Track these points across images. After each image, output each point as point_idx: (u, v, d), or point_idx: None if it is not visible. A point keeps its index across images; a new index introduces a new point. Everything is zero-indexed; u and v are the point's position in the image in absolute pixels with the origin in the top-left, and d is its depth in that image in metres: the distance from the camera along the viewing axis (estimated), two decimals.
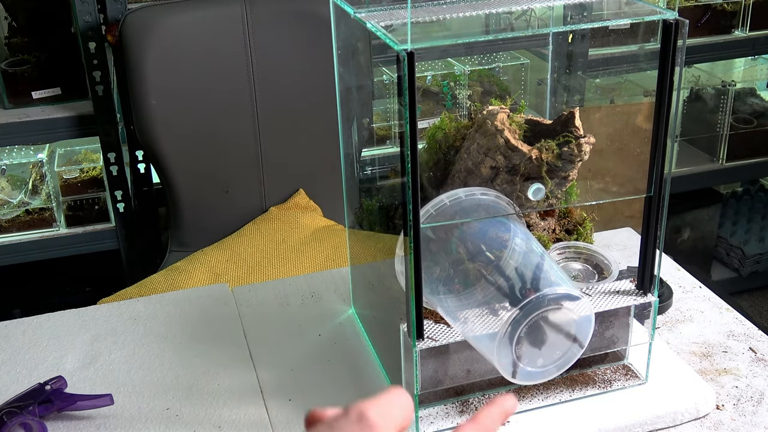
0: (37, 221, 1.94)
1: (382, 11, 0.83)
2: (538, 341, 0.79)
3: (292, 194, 1.80)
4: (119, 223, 1.96)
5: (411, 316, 0.80)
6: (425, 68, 2.05)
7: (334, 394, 0.94)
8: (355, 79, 0.98)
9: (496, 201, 0.84)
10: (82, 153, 2.01)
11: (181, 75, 1.65)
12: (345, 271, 1.17)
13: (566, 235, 0.97)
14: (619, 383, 0.92)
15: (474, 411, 0.89)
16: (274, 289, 1.16)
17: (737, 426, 0.89)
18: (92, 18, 1.77)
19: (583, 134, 0.84)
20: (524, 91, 2.13)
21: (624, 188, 0.89)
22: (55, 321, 1.11)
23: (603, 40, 1.94)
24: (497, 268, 0.80)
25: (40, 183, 1.94)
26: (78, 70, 1.88)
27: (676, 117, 0.82)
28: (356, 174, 1.04)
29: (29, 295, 2.25)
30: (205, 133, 1.70)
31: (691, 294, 1.13)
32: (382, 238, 0.99)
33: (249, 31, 1.66)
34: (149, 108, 1.64)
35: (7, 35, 1.91)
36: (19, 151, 1.98)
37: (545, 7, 0.84)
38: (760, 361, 0.99)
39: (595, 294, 0.89)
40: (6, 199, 1.92)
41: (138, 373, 1.00)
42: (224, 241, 1.70)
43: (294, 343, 1.04)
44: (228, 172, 1.75)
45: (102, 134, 1.86)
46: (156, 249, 2.02)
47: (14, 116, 1.86)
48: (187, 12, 1.65)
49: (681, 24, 0.78)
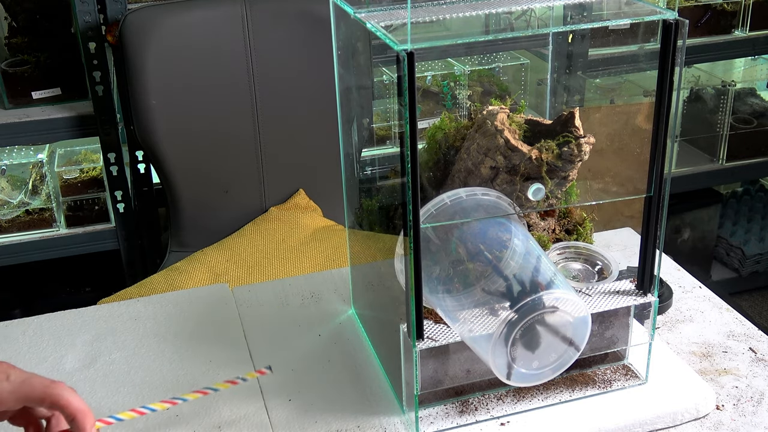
0: (37, 221, 1.94)
1: (382, 11, 0.83)
2: (534, 344, 0.79)
3: (292, 194, 1.80)
4: (119, 223, 1.96)
5: (411, 316, 0.80)
6: (425, 68, 2.05)
7: (334, 394, 0.94)
8: (355, 79, 0.98)
9: (497, 201, 0.84)
10: (82, 153, 2.01)
11: (181, 75, 1.65)
12: (345, 271, 1.17)
13: (566, 235, 0.97)
14: (619, 383, 0.92)
15: (474, 411, 0.89)
16: (274, 289, 1.16)
17: (737, 426, 0.89)
18: (92, 18, 1.77)
19: (583, 134, 0.84)
20: (524, 91, 2.13)
21: (624, 188, 0.89)
22: (55, 321, 1.11)
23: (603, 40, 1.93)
24: (496, 269, 0.80)
25: (40, 183, 1.94)
26: (78, 70, 1.88)
27: (676, 117, 0.82)
28: (356, 174, 1.04)
29: (29, 295, 2.25)
30: (205, 133, 1.70)
31: (691, 294, 1.13)
32: (382, 238, 0.99)
33: (249, 31, 1.66)
34: (149, 108, 1.64)
35: (7, 35, 1.91)
36: (19, 151, 1.98)
37: (545, 7, 0.84)
38: (760, 361, 0.99)
39: (595, 294, 0.89)
40: (6, 200, 1.92)
41: (138, 373, 1.00)
42: (224, 241, 1.70)
43: (294, 343, 1.04)
44: (228, 172, 1.75)
45: (102, 134, 1.86)
46: (156, 249, 2.02)
47: (14, 116, 1.86)
48: (187, 12, 1.65)
49: (681, 24, 0.78)
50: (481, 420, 0.88)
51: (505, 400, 0.90)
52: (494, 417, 0.88)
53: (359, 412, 0.91)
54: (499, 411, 0.89)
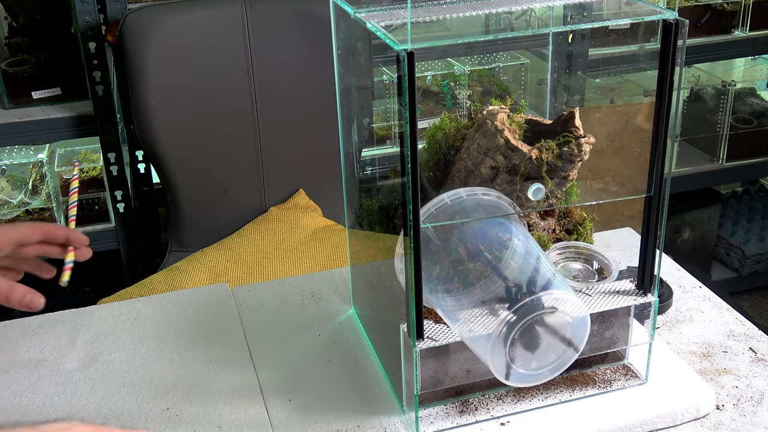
0: (37, 221, 1.94)
1: (382, 11, 0.83)
2: (533, 344, 0.79)
3: (292, 194, 1.80)
4: (119, 223, 1.96)
5: (411, 316, 0.80)
6: (425, 68, 2.05)
7: (334, 394, 0.94)
8: (355, 79, 0.98)
9: (497, 201, 0.84)
10: (82, 153, 2.01)
11: (181, 75, 1.65)
12: (345, 271, 1.17)
13: (566, 235, 0.97)
14: (619, 383, 0.92)
15: (474, 411, 0.89)
16: (274, 289, 1.16)
17: (737, 426, 0.89)
18: (92, 18, 1.77)
19: (583, 134, 0.84)
20: (524, 91, 2.13)
21: (624, 188, 0.89)
22: (55, 321, 1.11)
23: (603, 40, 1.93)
24: (496, 269, 0.80)
25: (40, 183, 1.94)
26: (78, 70, 1.88)
27: (676, 117, 0.82)
28: (356, 174, 1.04)
29: None
30: (205, 133, 1.70)
31: (691, 294, 1.13)
32: (382, 238, 0.99)
33: (249, 31, 1.66)
34: (149, 108, 1.64)
35: (7, 35, 1.91)
36: (19, 151, 1.98)
37: (545, 7, 0.84)
38: (760, 361, 0.99)
39: (595, 294, 0.89)
40: (6, 199, 1.92)
41: (138, 373, 1.00)
42: (224, 241, 1.70)
43: (294, 343, 1.04)
44: (228, 172, 1.75)
45: (102, 134, 1.86)
46: (156, 249, 2.02)
47: (14, 116, 1.86)
48: (187, 12, 1.65)
49: (681, 24, 0.78)
50: (481, 420, 0.88)
51: (505, 400, 0.90)
52: (494, 417, 0.88)
53: (359, 412, 0.91)
54: (499, 411, 0.89)
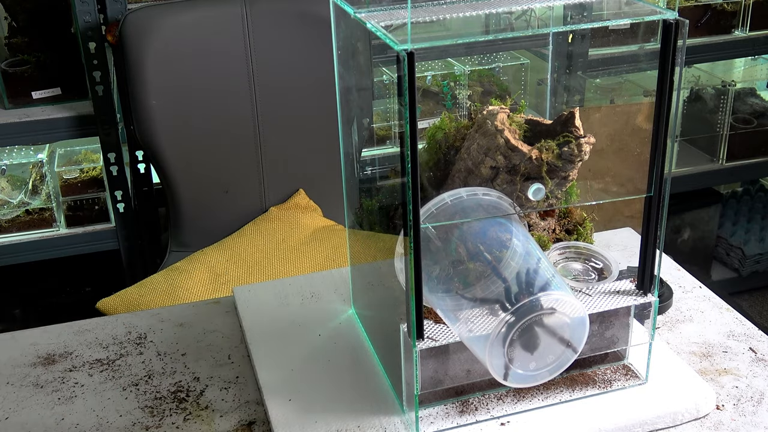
0: (37, 221, 1.94)
1: (382, 11, 0.83)
2: (532, 345, 0.79)
3: (292, 194, 1.80)
4: (119, 223, 1.96)
5: (411, 316, 0.80)
6: (425, 68, 2.05)
7: (334, 394, 0.94)
8: (355, 79, 0.98)
9: (497, 201, 0.84)
10: (82, 153, 2.01)
11: (181, 75, 1.65)
12: (345, 271, 1.17)
13: (566, 235, 0.97)
14: (619, 383, 0.92)
15: (474, 411, 0.89)
16: (274, 289, 1.16)
17: (737, 426, 0.89)
18: (92, 18, 1.77)
19: (583, 134, 0.84)
20: (524, 91, 2.13)
21: (624, 188, 0.89)
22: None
23: (603, 40, 1.93)
24: (495, 270, 0.80)
25: (40, 183, 1.94)
26: (78, 70, 1.88)
27: (676, 117, 0.82)
28: (356, 174, 1.04)
29: (29, 295, 2.25)
30: (205, 133, 1.71)
31: (691, 294, 1.13)
32: (382, 238, 0.99)
33: (249, 31, 1.66)
34: (149, 108, 1.64)
35: (7, 35, 1.91)
36: (19, 151, 1.98)
37: (545, 7, 0.84)
38: (760, 361, 0.99)
39: (595, 294, 0.89)
40: (6, 199, 1.92)
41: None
42: (224, 241, 1.70)
43: (294, 343, 1.04)
44: (228, 172, 1.75)
45: (102, 134, 1.87)
46: (156, 249, 2.02)
47: (14, 116, 1.86)
48: (187, 12, 1.65)
49: (681, 24, 0.78)
50: (481, 420, 0.88)
51: (505, 400, 0.90)
52: (494, 417, 0.88)
53: (359, 412, 0.91)
54: (499, 411, 0.89)
